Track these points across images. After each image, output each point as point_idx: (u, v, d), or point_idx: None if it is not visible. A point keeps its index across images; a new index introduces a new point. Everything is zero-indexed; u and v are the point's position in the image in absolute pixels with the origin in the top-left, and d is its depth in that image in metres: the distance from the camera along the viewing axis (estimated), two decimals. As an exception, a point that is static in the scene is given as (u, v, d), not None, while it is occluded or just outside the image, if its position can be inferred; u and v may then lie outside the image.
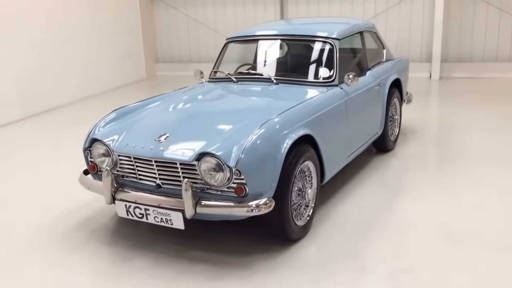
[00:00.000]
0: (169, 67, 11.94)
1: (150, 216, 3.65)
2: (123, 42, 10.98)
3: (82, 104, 9.33)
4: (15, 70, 8.23)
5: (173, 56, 12.12)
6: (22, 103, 8.37)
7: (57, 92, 9.20)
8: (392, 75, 5.78)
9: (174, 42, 12.04)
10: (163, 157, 3.59)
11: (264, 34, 5.23)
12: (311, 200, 4.00)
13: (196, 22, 11.72)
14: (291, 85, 4.67)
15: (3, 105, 8.01)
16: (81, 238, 4.05)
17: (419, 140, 6.28)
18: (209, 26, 11.55)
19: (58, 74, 9.21)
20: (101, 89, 10.33)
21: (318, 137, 4.02)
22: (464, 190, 4.74)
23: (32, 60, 8.60)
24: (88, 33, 9.96)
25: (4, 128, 7.77)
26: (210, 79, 5.23)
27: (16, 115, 8.26)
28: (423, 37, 10.52)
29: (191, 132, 3.81)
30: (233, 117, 4.05)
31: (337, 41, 4.82)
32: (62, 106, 9.17)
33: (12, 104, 8.19)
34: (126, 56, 11.08)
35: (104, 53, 10.43)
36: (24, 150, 6.61)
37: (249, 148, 3.43)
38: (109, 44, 10.55)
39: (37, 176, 5.62)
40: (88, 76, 9.98)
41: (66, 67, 9.42)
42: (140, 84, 11.22)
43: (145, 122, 4.14)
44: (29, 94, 8.53)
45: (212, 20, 11.62)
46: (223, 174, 3.41)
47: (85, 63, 9.92)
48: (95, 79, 10.18)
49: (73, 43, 9.57)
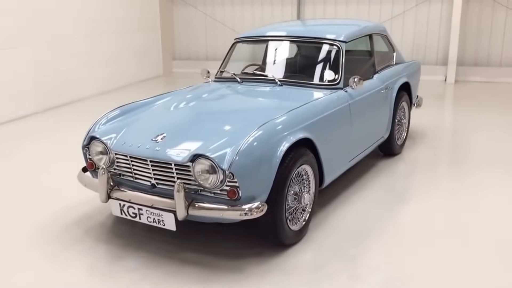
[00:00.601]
0: (186, 64, 11.87)
1: (143, 216, 3.56)
2: (142, 39, 10.95)
3: (100, 99, 9.30)
4: (36, 64, 8.22)
5: (190, 53, 12.04)
6: (40, 96, 8.37)
7: (77, 86, 9.19)
8: (401, 78, 5.59)
9: (192, 40, 11.97)
10: (158, 157, 3.49)
11: (271, 35, 5.10)
12: (307, 205, 3.86)
13: (213, 21, 11.62)
14: (296, 87, 4.54)
15: (22, 98, 8.02)
16: (77, 235, 3.98)
17: (427, 144, 6.08)
18: (226, 24, 11.44)
19: (78, 68, 9.20)
20: (118, 84, 10.30)
21: (318, 141, 3.88)
22: (469, 197, 4.55)
23: (53, 54, 8.59)
24: (108, 29, 9.93)
25: (20, 121, 7.77)
26: (216, 78, 5.12)
27: (34, 108, 8.27)
28: (440, 40, 10.25)
29: (188, 133, 3.70)
30: (232, 118, 3.93)
31: (343, 43, 4.66)
32: (80, 100, 9.16)
33: (30, 97, 8.20)
34: (144, 52, 11.05)
35: (123, 49, 10.41)
36: (34, 143, 6.58)
37: (243, 151, 3.31)
38: (128, 40, 10.51)
39: (41, 170, 5.57)
40: (106, 72, 9.96)
41: (86, 62, 9.41)
42: (157, 80, 11.17)
43: (144, 121, 4.04)
44: (48, 88, 8.53)
45: (230, 19, 11.50)
46: (216, 176, 3.30)
47: (104, 59, 9.90)
48: (113, 75, 10.16)
49: (93, 39, 9.56)
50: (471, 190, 4.72)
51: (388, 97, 5.26)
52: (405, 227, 4.00)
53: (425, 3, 10.15)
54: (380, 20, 10.40)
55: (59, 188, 4.94)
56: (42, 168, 5.61)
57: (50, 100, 8.61)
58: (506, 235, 3.85)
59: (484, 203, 4.44)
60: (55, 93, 8.71)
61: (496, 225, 4.02)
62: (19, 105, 7.98)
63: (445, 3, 10.01)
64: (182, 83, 5.06)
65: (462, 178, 5.02)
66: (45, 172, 5.47)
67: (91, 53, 9.53)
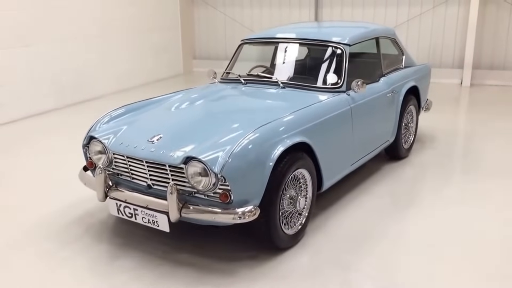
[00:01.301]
0: (206, 63, 11.77)
1: (138, 216, 3.48)
2: (163, 37, 10.92)
3: (119, 96, 9.27)
4: (53, 61, 8.25)
5: (210, 53, 11.98)
6: (58, 93, 8.40)
7: (95, 83, 9.19)
8: (409, 82, 5.40)
9: (212, 40, 11.89)
10: (152, 158, 3.41)
11: (276, 37, 4.97)
12: (304, 209, 3.74)
13: (233, 21, 11.53)
14: (298, 90, 4.40)
15: (40, 95, 8.06)
16: (76, 233, 3.93)
17: (436, 149, 5.86)
18: (245, 25, 11.33)
19: (96, 66, 9.20)
20: (139, 82, 10.29)
21: (316, 145, 3.75)
22: (476, 207, 4.32)
23: (71, 52, 8.60)
24: (129, 27, 9.93)
25: (39, 117, 7.80)
26: (222, 79, 5.03)
27: (54, 104, 8.31)
28: (456, 43, 9.95)
29: (184, 134, 3.60)
30: (230, 119, 3.80)
31: (347, 46, 4.51)
32: (99, 97, 9.16)
33: (49, 94, 8.23)
34: (165, 51, 11.01)
35: (143, 48, 10.38)
36: (51, 139, 6.58)
37: (236, 154, 3.20)
38: (149, 39, 10.49)
39: (53, 165, 5.56)
40: (127, 69, 9.95)
41: (106, 60, 9.40)
42: (176, 79, 11.12)
43: (144, 121, 3.96)
44: (67, 85, 8.56)
45: (249, 20, 11.39)
46: (209, 179, 3.20)
47: (124, 57, 9.89)
48: (134, 72, 10.15)
49: (114, 37, 9.56)
50: (479, 199, 4.47)
51: (395, 101, 5.08)
52: (405, 235, 3.83)
53: (442, 6, 9.86)
54: (396, 23, 10.18)
55: (67, 184, 4.90)
56: (55, 164, 5.59)
57: (69, 97, 8.63)
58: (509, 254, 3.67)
59: (492, 214, 4.20)
60: (74, 90, 8.72)
61: (501, 237, 3.82)
62: (38, 102, 8.01)
63: (462, 6, 9.71)
64: (199, 82, 4.98)
65: (470, 186, 4.79)
66: (57, 168, 5.46)
67: (110, 51, 9.51)
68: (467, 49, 9.61)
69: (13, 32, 7.50)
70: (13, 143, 6.48)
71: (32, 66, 7.89)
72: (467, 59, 9.65)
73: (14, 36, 7.53)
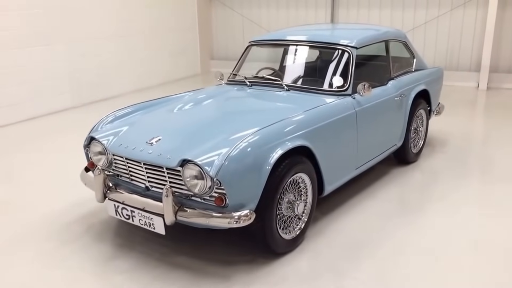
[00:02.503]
0: (223, 64, 11.70)
1: (135, 218, 3.42)
2: (181, 38, 10.88)
3: (136, 95, 9.19)
4: (72, 60, 8.28)
5: (228, 53, 11.90)
6: (76, 92, 8.43)
7: (112, 83, 9.19)
8: (419, 85, 5.23)
9: (229, 40, 11.81)
10: (150, 161, 3.34)
11: (284, 39, 4.86)
12: (303, 214, 3.62)
13: (250, 22, 11.43)
14: (303, 93, 4.29)
15: (58, 93, 8.09)
16: (77, 232, 3.89)
17: (447, 154, 5.67)
18: (262, 26, 11.21)
19: (116, 66, 9.21)
20: (157, 82, 10.26)
21: (317, 149, 3.63)
22: (483, 214, 4.15)
23: (88, 52, 8.61)
24: (148, 28, 9.91)
25: (56, 115, 7.83)
26: (228, 81, 4.94)
27: (71, 103, 8.34)
28: (474, 46, 9.67)
29: (184, 136, 3.52)
30: (231, 122, 3.72)
31: (354, 49, 4.37)
32: (116, 96, 9.15)
33: (66, 92, 8.26)
34: (183, 51, 10.97)
35: (162, 48, 10.35)
36: (67, 136, 6.58)
37: (234, 157, 3.11)
38: (167, 39, 10.45)
39: (59, 164, 5.53)
40: (145, 69, 9.94)
41: (125, 60, 9.40)
42: (194, 79, 11.08)
43: (145, 122, 3.90)
44: (84, 84, 8.58)
45: (266, 21, 11.27)
46: (204, 182, 3.12)
47: (143, 57, 9.87)
48: (152, 72, 10.13)
49: (133, 37, 9.55)
50: (488, 207, 4.29)
51: (403, 105, 4.92)
52: (407, 243, 3.67)
53: (460, 8, 9.60)
54: (414, 25, 9.95)
55: (73, 183, 4.83)
56: (64, 162, 5.57)
57: (86, 96, 8.64)
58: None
59: (501, 222, 4.01)
60: (91, 89, 8.73)
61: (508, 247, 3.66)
62: (56, 100, 8.05)
63: (480, 8, 9.43)
64: (215, 82, 4.91)
65: (480, 193, 4.62)
66: (66, 167, 5.42)
67: (127, 51, 9.48)
68: (485, 52, 9.33)
69: (33, 31, 7.55)
70: (27, 140, 6.50)
71: (51, 65, 7.92)
72: (484, 62, 9.37)
73: (34, 35, 7.58)
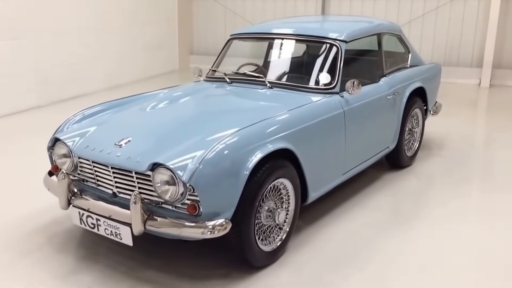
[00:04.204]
0: (203, 59, 11.62)
1: (101, 228, 3.39)
2: (158, 31, 10.85)
3: (111, 93, 9.11)
4: (39, 55, 8.20)
5: (208, 48, 11.88)
6: (43, 90, 8.36)
7: (83, 79, 9.14)
8: (414, 83, 5.26)
9: (210, 34, 11.80)
10: (118, 164, 3.32)
11: (268, 32, 4.87)
12: (285, 223, 3.62)
13: (234, 15, 11.44)
14: (287, 91, 4.29)
15: (24, 91, 8.02)
16: (38, 242, 3.84)
17: (444, 157, 5.71)
18: (246, 19, 11.22)
19: (85, 61, 9.15)
20: (132, 78, 10.22)
21: (301, 152, 3.63)
22: (482, 224, 4.16)
23: (58, 46, 8.55)
24: (122, 20, 9.88)
25: (21, 114, 7.75)
26: (207, 78, 4.93)
27: (37, 102, 8.26)
28: (476, 40, 9.77)
29: (156, 138, 3.51)
30: (207, 122, 3.71)
31: (343, 43, 4.39)
32: (87, 94, 9.08)
33: (32, 90, 8.19)
34: (160, 46, 10.95)
35: (137, 42, 10.33)
36: (31, 138, 6.51)
37: (209, 161, 3.10)
38: (143, 32, 10.43)
39: (23, 169, 5.47)
40: (119, 65, 9.90)
41: (96, 55, 9.36)
42: (172, 75, 11.06)
43: (114, 122, 3.88)
44: (52, 81, 8.51)
45: (251, 13, 11.29)
46: (176, 188, 3.10)
47: (117, 51, 9.84)
48: (126, 68, 10.10)
49: (106, 30, 9.51)
50: (488, 216, 4.31)
51: (397, 104, 4.94)
52: (399, 256, 3.68)
53: None
54: (410, 17, 10.03)
55: (38, 189, 4.80)
56: (29, 166, 5.50)
57: (54, 93, 8.57)
58: (510, 267, 3.52)
59: (500, 233, 4.01)
60: (60, 86, 8.67)
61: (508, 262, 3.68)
62: (20, 98, 7.97)
63: (482, 0, 9.52)
64: (195, 79, 4.88)
65: (480, 200, 4.65)
66: (30, 171, 5.35)
67: (100, 45, 9.45)
68: (487, 47, 9.45)
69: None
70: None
71: (16, 60, 7.84)
72: (486, 58, 9.49)
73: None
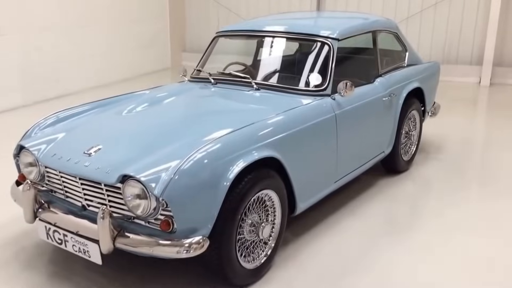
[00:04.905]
0: (197, 57, 11.22)
1: (68, 244, 3.11)
2: (149, 28, 10.56)
3: (99, 92, 8.81)
4: (24, 53, 7.90)
5: (201, 45, 11.51)
6: (28, 89, 8.06)
7: (72, 78, 8.85)
8: (412, 83, 4.98)
9: (204, 31, 11.48)
10: (86, 175, 3.04)
11: (256, 29, 4.58)
12: (271, 238, 3.34)
13: (227, 11, 11.14)
14: (274, 93, 4.00)
15: (5, 90, 7.70)
16: (4, 257, 3.55)
17: (442, 161, 5.42)
18: (240, 15, 10.93)
19: (74, 59, 8.86)
20: (121, 77, 9.91)
21: (288, 160, 3.35)
22: (483, 234, 3.88)
23: (44, 44, 8.26)
24: (112, 16, 9.58)
25: (4, 114, 7.45)
26: (192, 78, 4.65)
27: (22, 101, 7.96)
28: (476, 36, 9.48)
29: (128, 145, 3.22)
30: (186, 127, 3.43)
31: (335, 41, 4.10)
32: (74, 93, 8.76)
33: (16, 89, 7.88)
34: (151, 43, 10.65)
35: (127, 39, 10.03)
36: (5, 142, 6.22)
37: (185, 171, 2.82)
38: (133, 29, 10.14)
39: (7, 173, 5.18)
40: (108, 63, 9.61)
41: (85, 52, 9.07)
42: (163, 73, 10.76)
43: (85, 128, 3.59)
44: (38, 79, 8.21)
45: (244, 9, 10.99)
46: (148, 203, 2.82)
47: (106, 48, 9.56)
48: (116, 66, 9.80)
49: (95, 26, 9.22)
50: (489, 225, 4.03)
51: (393, 106, 4.66)
52: (395, 270, 3.41)
53: (460, -6, 9.42)
54: (408, 13, 9.75)
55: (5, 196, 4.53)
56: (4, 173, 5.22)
57: (40, 92, 8.27)
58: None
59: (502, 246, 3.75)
60: (46, 85, 8.37)
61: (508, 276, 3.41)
62: (4, 97, 7.66)
63: (482, -5, 9.26)
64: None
65: (480, 208, 4.35)
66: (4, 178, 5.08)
67: (88, 42, 9.15)
68: (488, 44, 9.17)
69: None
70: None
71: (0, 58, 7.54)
72: (487, 55, 9.21)
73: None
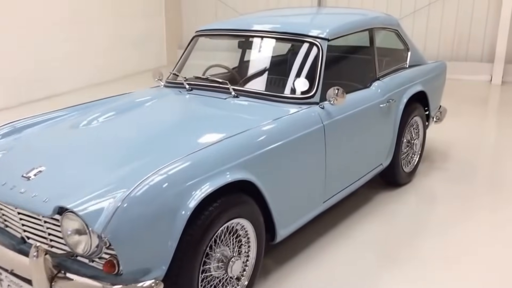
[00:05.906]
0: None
1: (3, 283, 2.66)
2: (144, 24, 10.24)
3: (88, 92, 8.41)
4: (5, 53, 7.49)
5: (199, 42, 11.14)
6: (13, 89, 7.67)
7: (62, 77, 8.47)
8: (414, 86, 4.46)
9: (200, 27, 11.04)
10: (19, 205, 2.57)
11: (238, 29, 4.09)
12: (244, 273, 2.86)
13: (225, 6, 10.69)
14: (255, 100, 3.51)
15: None
16: None
17: (448, 171, 4.90)
18: (238, 11, 10.46)
19: (62, 58, 8.47)
20: (115, 75, 9.54)
21: (266, 182, 2.86)
22: (492, 264, 3.39)
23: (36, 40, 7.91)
24: (104, 12, 9.23)
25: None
26: (167, 83, 4.18)
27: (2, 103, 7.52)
28: (487, 33, 8.99)
29: (76, 167, 2.74)
30: (147, 144, 2.93)
31: (325, 42, 3.59)
32: (65, 93, 8.37)
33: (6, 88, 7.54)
34: (146, 40, 10.30)
35: (121, 36, 9.70)
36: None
37: (134, 200, 2.33)
38: (128, 26, 9.80)
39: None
40: (101, 61, 9.25)
41: (78, 50, 8.73)
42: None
43: (30, 144, 3.12)
44: (24, 79, 7.81)
45: (242, 4, 10.54)
46: (89, 240, 2.34)
47: (97, 46, 9.19)
48: (109, 64, 9.44)
49: (86, 23, 8.87)
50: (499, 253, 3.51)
51: (392, 112, 4.15)
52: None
53: (470, -13, 8.90)
54: (415, 8, 9.22)
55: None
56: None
57: (26, 93, 7.88)
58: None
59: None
60: (33, 85, 7.97)
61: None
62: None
63: (493, -11, 8.73)
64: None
65: (491, 228, 3.85)
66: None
67: (81, 40, 8.80)
68: (499, 40, 8.72)
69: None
70: None
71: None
72: (498, 52, 8.75)
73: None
